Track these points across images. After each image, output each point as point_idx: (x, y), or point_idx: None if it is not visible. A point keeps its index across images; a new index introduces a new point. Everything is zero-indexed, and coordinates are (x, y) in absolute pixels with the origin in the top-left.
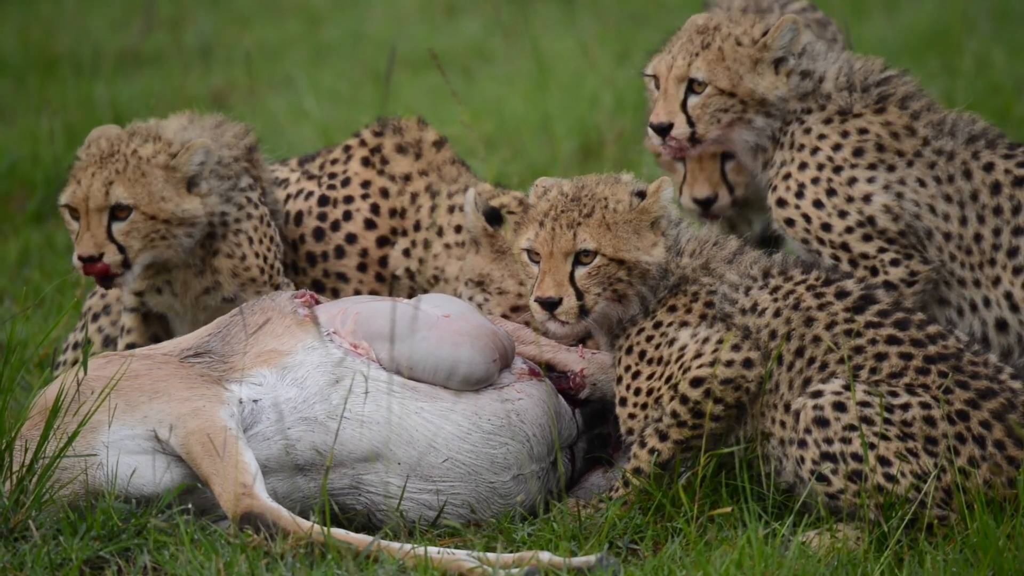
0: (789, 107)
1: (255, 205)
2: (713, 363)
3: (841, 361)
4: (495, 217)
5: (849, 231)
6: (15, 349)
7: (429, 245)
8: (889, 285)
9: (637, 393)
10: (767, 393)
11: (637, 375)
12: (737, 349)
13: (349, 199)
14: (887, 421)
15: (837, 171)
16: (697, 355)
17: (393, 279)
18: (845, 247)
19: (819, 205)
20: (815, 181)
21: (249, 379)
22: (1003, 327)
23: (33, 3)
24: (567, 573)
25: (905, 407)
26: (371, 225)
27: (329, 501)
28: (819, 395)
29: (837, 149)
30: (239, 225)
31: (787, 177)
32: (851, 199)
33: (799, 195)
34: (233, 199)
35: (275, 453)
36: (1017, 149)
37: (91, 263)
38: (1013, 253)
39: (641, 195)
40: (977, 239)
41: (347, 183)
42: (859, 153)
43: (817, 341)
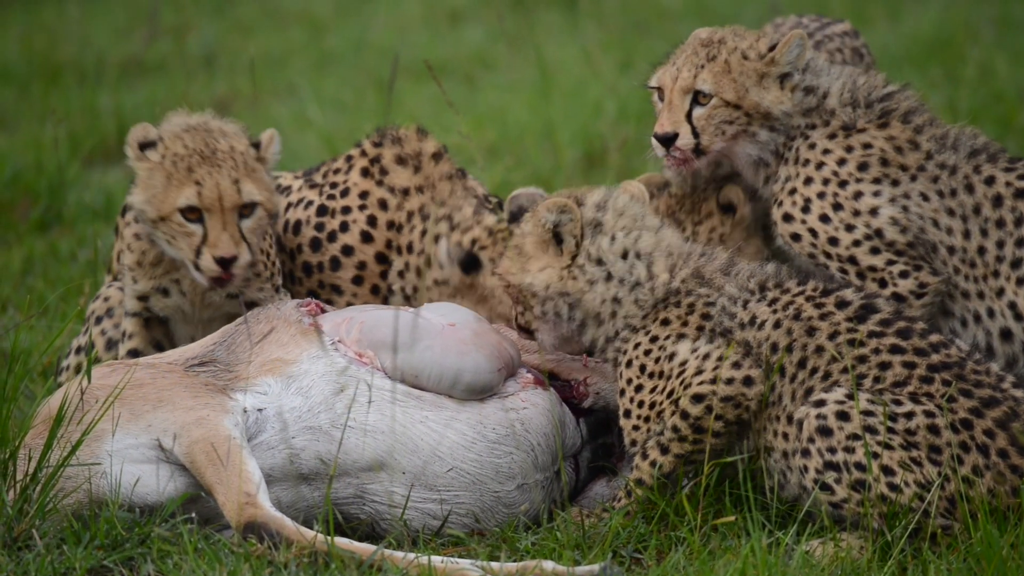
0: (793, 122)
1: None
2: (714, 380)
3: (844, 371)
4: (472, 263)
5: (856, 244)
6: (19, 358)
7: (423, 273)
8: (898, 297)
9: (640, 406)
10: (770, 406)
11: (640, 388)
12: (738, 367)
13: (347, 210)
14: (891, 430)
15: (843, 185)
16: (698, 371)
17: (389, 292)
18: (852, 260)
19: (826, 219)
20: (821, 195)
21: (254, 388)
22: (1008, 337)
23: (37, 11)
24: None
25: (909, 415)
26: (368, 238)
27: (333, 510)
28: (822, 404)
29: (842, 163)
30: None
31: (793, 192)
32: (858, 212)
33: (805, 209)
34: None
35: (279, 462)
36: (1018, 163)
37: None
38: (1016, 264)
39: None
40: (980, 252)
41: (346, 193)
42: (864, 167)
43: (820, 351)
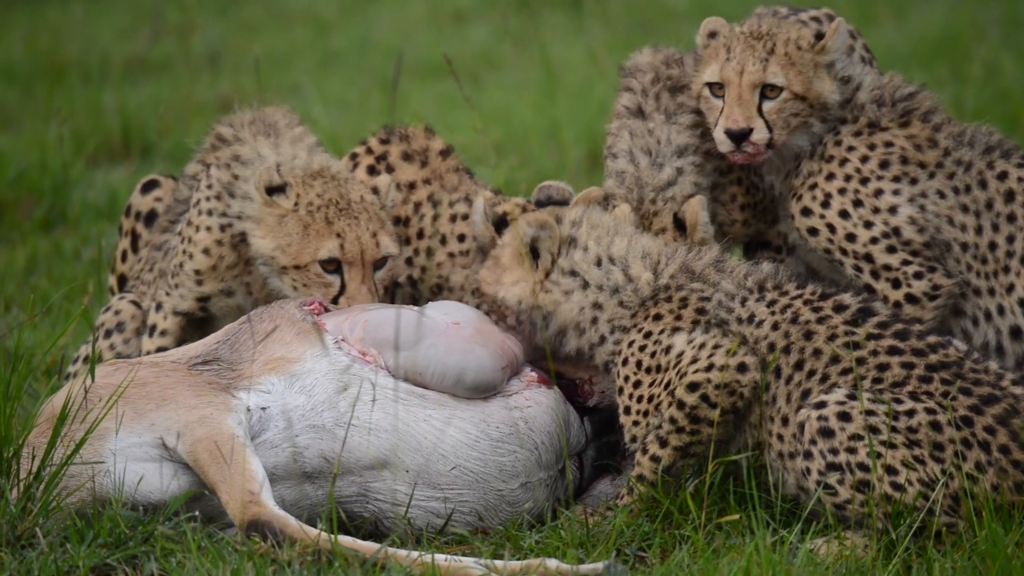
0: (835, 113)
1: None
2: (709, 368)
3: (843, 373)
4: (505, 226)
5: (874, 242)
6: (22, 357)
7: (432, 253)
8: (911, 298)
9: (639, 401)
10: (765, 406)
11: (638, 384)
12: (732, 354)
13: None
14: (893, 429)
15: (864, 182)
16: (693, 360)
17: (395, 287)
18: (868, 258)
19: (845, 215)
20: (842, 192)
21: (257, 387)
22: (1017, 334)
23: (41, 11)
24: None
25: (910, 413)
26: None
27: (336, 508)
28: (823, 405)
29: (865, 161)
30: None
31: (813, 187)
32: (877, 210)
33: (825, 204)
34: None
35: (283, 461)
36: None
37: None
38: None
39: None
40: (992, 247)
41: None
42: (885, 165)
43: (817, 354)
